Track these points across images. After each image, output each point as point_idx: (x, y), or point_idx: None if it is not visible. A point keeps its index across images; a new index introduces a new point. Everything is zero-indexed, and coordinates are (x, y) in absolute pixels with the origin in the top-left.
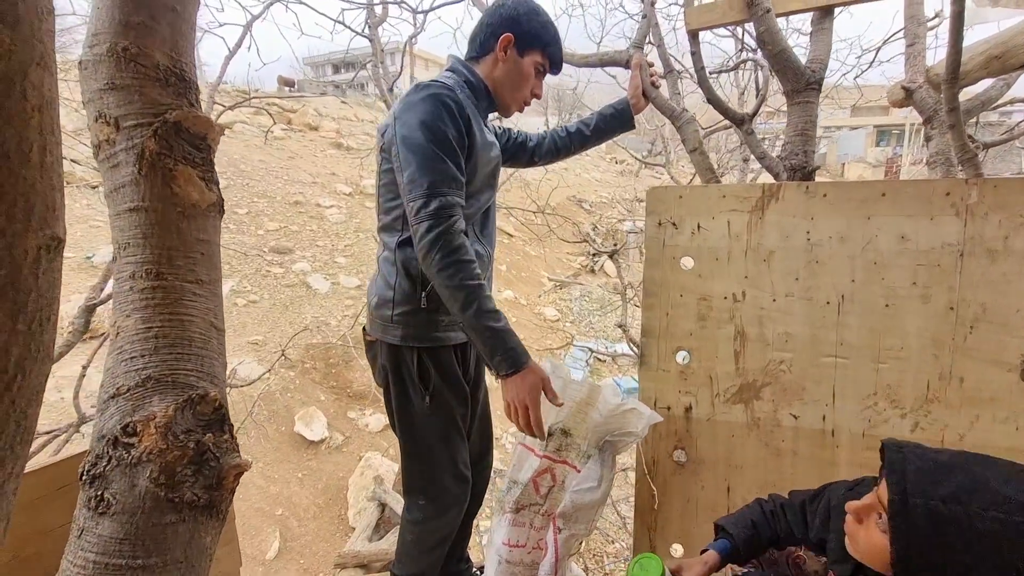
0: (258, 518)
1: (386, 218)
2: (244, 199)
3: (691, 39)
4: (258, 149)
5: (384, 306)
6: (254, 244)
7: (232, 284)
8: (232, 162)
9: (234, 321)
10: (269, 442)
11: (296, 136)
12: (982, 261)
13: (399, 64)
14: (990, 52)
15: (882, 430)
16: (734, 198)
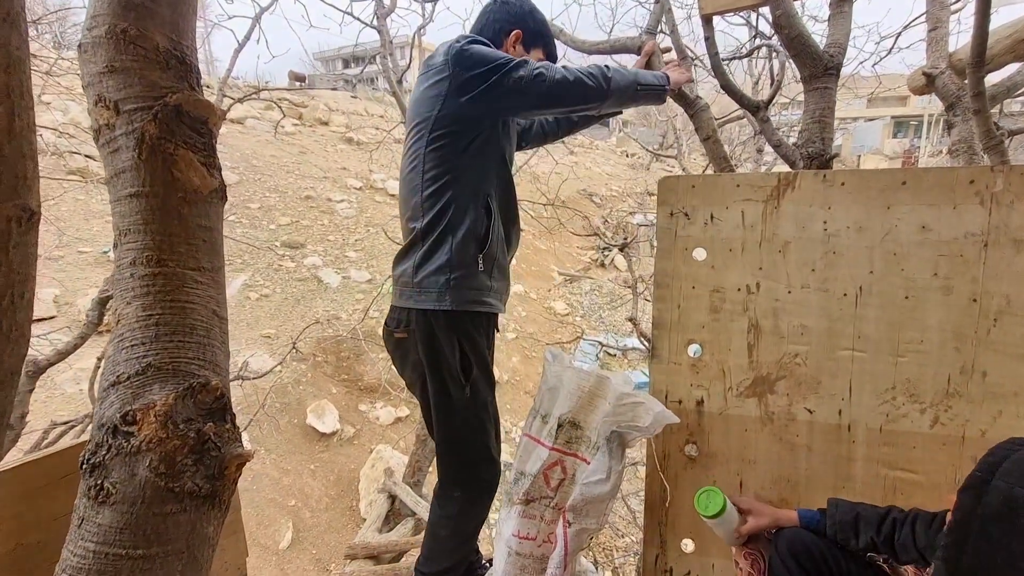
0: (271, 509)
1: (434, 185)
2: (256, 194)
3: (705, 24)
4: (270, 144)
5: (440, 272)
6: (266, 239)
7: (245, 278)
8: (244, 157)
9: (247, 315)
10: (282, 434)
11: (307, 131)
12: (1007, 251)
13: (408, 57)
14: (1017, 35)
15: (900, 425)
16: (749, 187)
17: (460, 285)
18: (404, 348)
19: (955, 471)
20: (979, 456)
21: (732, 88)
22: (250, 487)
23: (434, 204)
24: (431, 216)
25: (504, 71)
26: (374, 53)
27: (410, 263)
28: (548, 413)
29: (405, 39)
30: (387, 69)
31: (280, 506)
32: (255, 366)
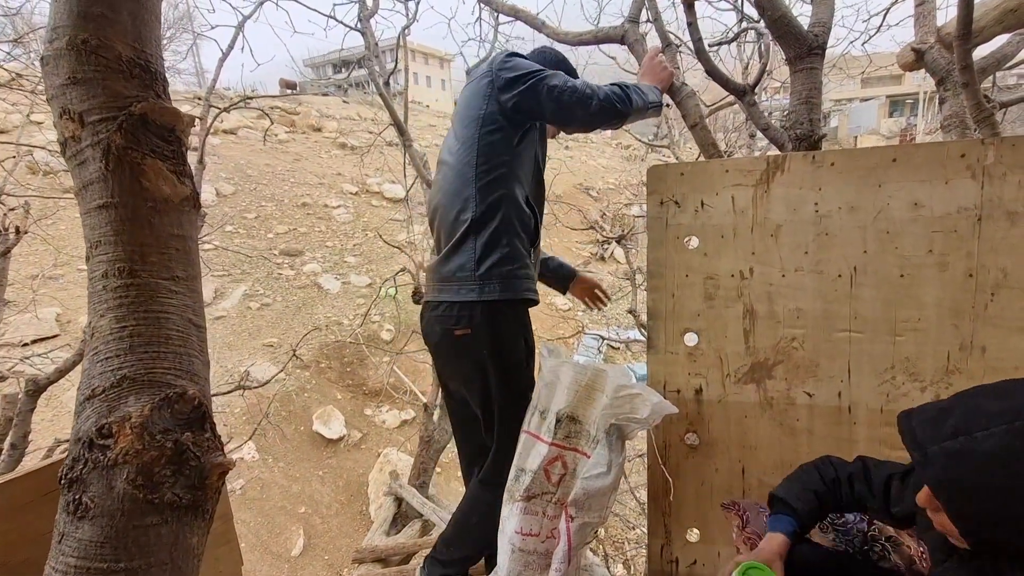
0: (282, 516)
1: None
2: (252, 203)
3: (687, 9)
4: (263, 153)
5: (504, 263)
6: (265, 248)
7: (245, 288)
8: (238, 167)
9: (248, 325)
10: (288, 442)
11: (300, 138)
12: (1001, 224)
13: (394, 59)
14: (1005, 5)
15: (901, 404)
16: (738, 172)
17: (519, 275)
18: (463, 344)
19: None
20: None
21: (717, 73)
22: (259, 496)
23: (488, 195)
24: (484, 207)
25: (540, 77)
26: (361, 57)
27: (468, 256)
28: (546, 409)
29: (391, 41)
30: (373, 72)
31: (290, 514)
32: (258, 375)
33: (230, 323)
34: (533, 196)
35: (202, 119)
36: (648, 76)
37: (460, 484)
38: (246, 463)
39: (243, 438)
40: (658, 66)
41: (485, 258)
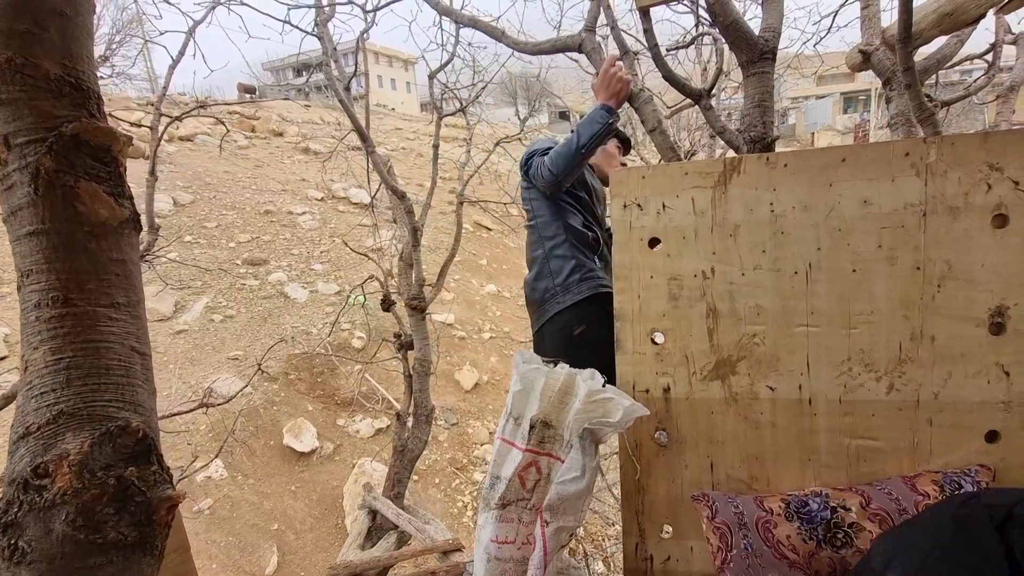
0: (254, 535)
1: (538, 221)
2: (212, 212)
3: (642, 16)
4: (223, 160)
5: (574, 273)
6: (227, 258)
7: (207, 300)
8: (196, 175)
9: (212, 338)
10: (258, 458)
11: (261, 143)
12: (945, 219)
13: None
14: (941, 9)
15: (858, 394)
16: (696, 175)
17: (588, 277)
18: (583, 338)
19: (913, 435)
20: (934, 418)
21: (674, 78)
22: (229, 515)
23: (547, 232)
24: (548, 243)
25: (528, 158)
26: (320, 61)
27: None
28: (520, 415)
29: (351, 44)
30: (331, 77)
31: (263, 531)
32: (224, 390)
33: (192, 337)
34: (591, 217)
35: (153, 128)
36: (602, 87)
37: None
38: (214, 482)
39: (210, 456)
40: (612, 77)
41: (558, 274)
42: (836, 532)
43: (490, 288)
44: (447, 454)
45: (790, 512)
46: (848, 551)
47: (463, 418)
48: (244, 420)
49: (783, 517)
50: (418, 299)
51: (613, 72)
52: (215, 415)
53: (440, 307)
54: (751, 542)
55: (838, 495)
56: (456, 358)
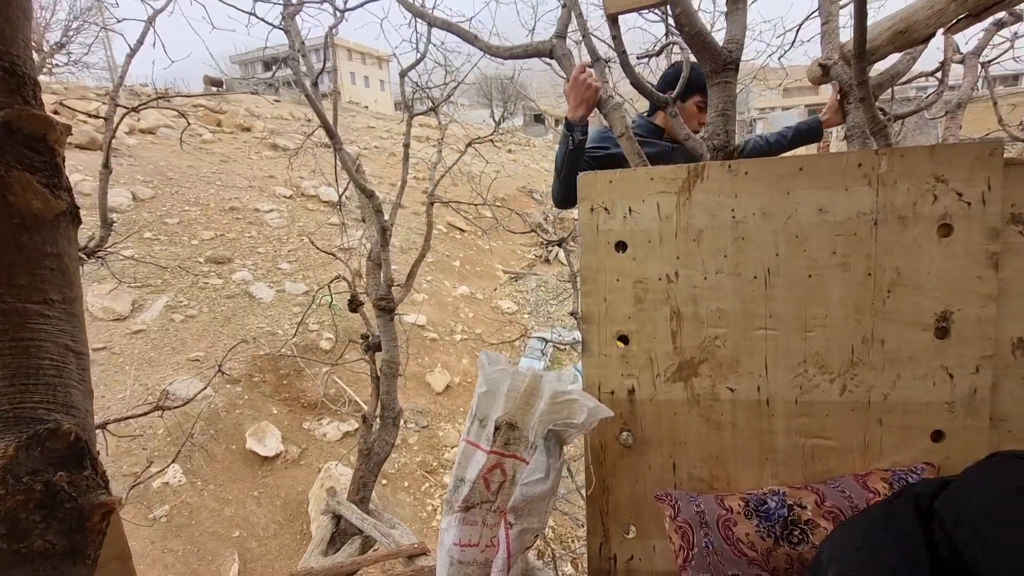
0: (214, 543)
1: None
2: (174, 208)
3: (611, 24)
4: (186, 154)
5: None
6: (189, 255)
7: (167, 299)
8: (158, 169)
9: (171, 339)
10: (218, 463)
11: (227, 138)
12: (894, 228)
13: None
14: (895, 27)
15: (813, 395)
16: (662, 180)
17: None
18: None
19: (864, 434)
20: (884, 419)
21: (641, 85)
22: (188, 522)
23: None
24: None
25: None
26: (285, 55)
27: None
28: (486, 417)
29: (320, 40)
30: (298, 72)
31: (223, 539)
32: (183, 392)
33: (151, 337)
34: None
35: (108, 119)
36: (572, 94)
37: (407, 495)
38: (171, 488)
39: (166, 461)
40: (582, 85)
41: None
42: (793, 529)
43: (463, 290)
44: (417, 457)
45: (749, 510)
46: (804, 547)
47: (434, 421)
48: (204, 424)
49: (743, 515)
50: (386, 299)
51: (583, 79)
52: (173, 418)
53: (411, 308)
54: (712, 540)
55: (794, 493)
56: (427, 360)
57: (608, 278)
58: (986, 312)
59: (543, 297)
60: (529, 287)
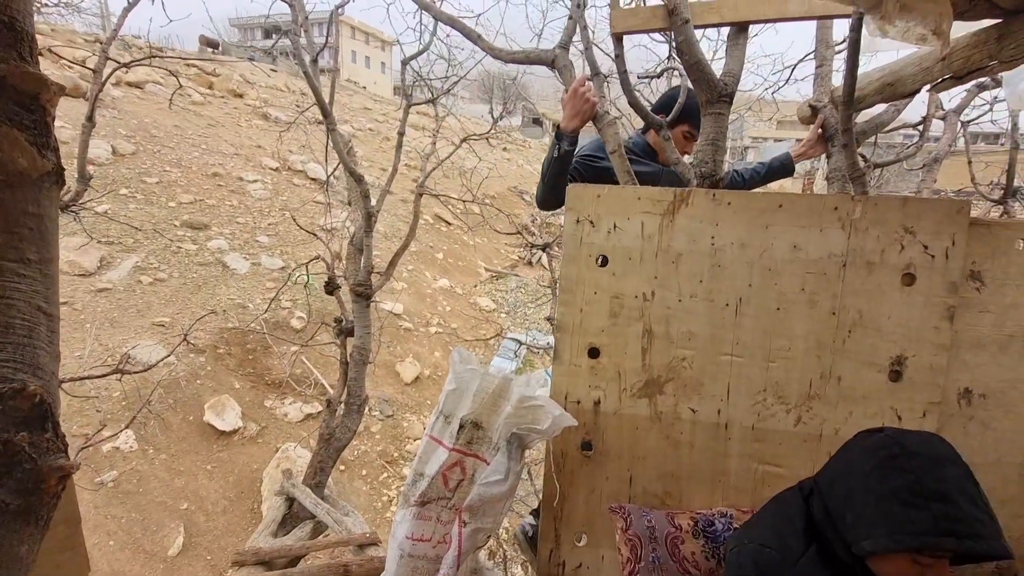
0: (160, 513)
1: None
2: (155, 167)
3: (616, 42)
4: (173, 114)
5: None
6: (164, 217)
7: (136, 260)
8: (142, 126)
9: (137, 301)
10: (173, 432)
11: (218, 102)
12: (862, 272)
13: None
14: (884, 79)
15: (769, 423)
16: (648, 201)
17: None
18: None
19: (813, 465)
20: (834, 452)
21: (638, 106)
22: (135, 489)
23: None
24: None
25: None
26: (287, 27)
27: None
28: (451, 414)
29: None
30: (298, 46)
31: (171, 510)
32: (144, 357)
33: (116, 297)
34: None
35: (97, 72)
36: (568, 105)
37: (364, 483)
38: (122, 453)
39: (119, 425)
40: (580, 98)
41: None
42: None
43: (443, 282)
44: (378, 446)
45: (697, 530)
46: None
47: (399, 411)
48: (163, 391)
49: (690, 534)
50: (364, 286)
51: (581, 92)
52: (131, 383)
53: (389, 296)
54: (659, 555)
55: (741, 516)
56: (400, 349)
57: (586, 290)
58: (938, 360)
59: (522, 299)
60: (509, 287)
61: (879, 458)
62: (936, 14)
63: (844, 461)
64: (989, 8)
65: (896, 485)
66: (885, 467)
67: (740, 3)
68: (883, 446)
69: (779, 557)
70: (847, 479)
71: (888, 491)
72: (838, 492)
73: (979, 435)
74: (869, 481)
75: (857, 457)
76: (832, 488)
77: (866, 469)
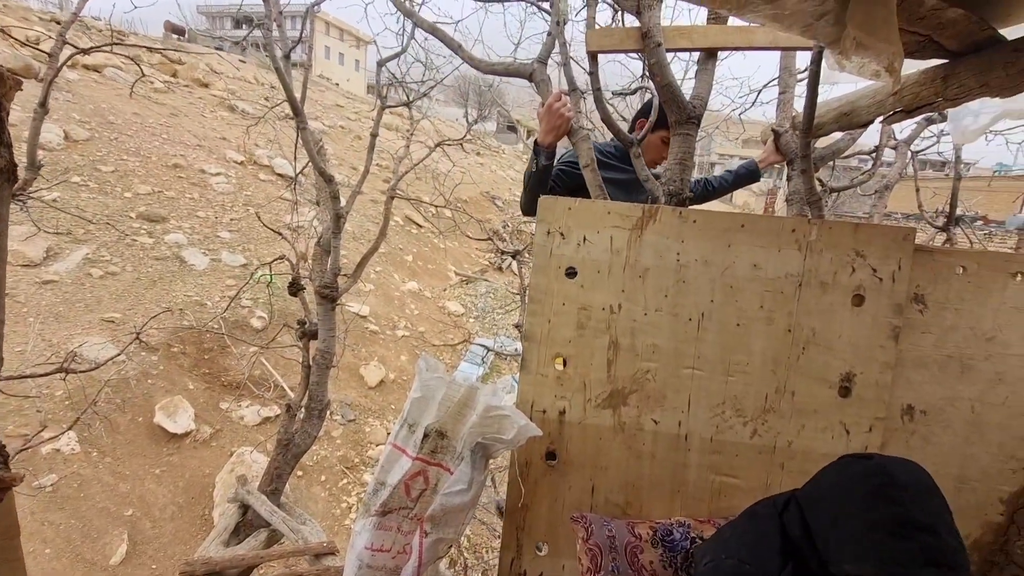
0: (102, 519)
1: None
2: (110, 155)
3: (591, 60)
4: (133, 101)
5: None
6: (119, 208)
7: (87, 251)
8: (99, 111)
9: (86, 295)
10: (120, 435)
11: (182, 91)
12: (816, 291)
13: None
14: (841, 109)
15: (727, 436)
16: (618, 215)
17: None
18: None
19: (767, 476)
20: (786, 464)
21: (611, 123)
22: (76, 494)
23: None
24: None
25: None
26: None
27: None
28: (416, 422)
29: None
30: (270, 40)
31: (114, 516)
32: (91, 355)
33: (62, 290)
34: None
35: (53, 56)
36: (544, 120)
37: (323, 489)
38: (63, 456)
39: (62, 426)
40: (554, 114)
41: None
42: (692, 561)
43: (411, 285)
44: (339, 451)
45: (656, 539)
46: None
47: (362, 415)
48: (110, 391)
49: (649, 544)
50: (330, 288)
51: (556, 108)
52: (76, 382)
53: (356, 298)
54: (618, 565)
55: (698, 526)
56: (365, 352)
57: (555, 301)
58: (883, 378)
59: (491, 304)
60: (479, 292)
61: (869, 487)
62: (889, 52)
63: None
64: (937, 50)
65: (885, 515)
66: (875, 496)
67: (710, 31)
68: (873, 474)
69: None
70: (834, 504)
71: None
72: (823, 515)
73: (920, 449)
74: (858, 509)
75: (846, 483)
76: (816, 510)
77: (856, 497)
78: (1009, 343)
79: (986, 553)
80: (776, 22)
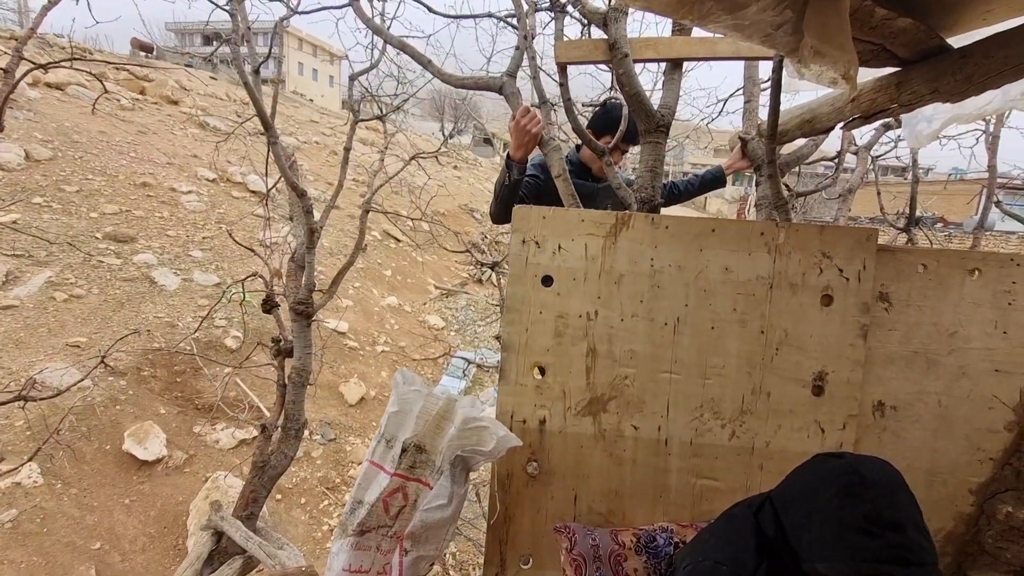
0: (67, 555)
1: None
2: (75, 174)
3: (560, 71)
4: (98, 119)
5: None
6: (85, 229)
7: (50, 274)
8: (62, 130)
9: (49, 320)
10: (87, 464)
11: (150, 109)
12: (786, 293)
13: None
14: (803, 116)
15: (706, 439)
16: (592, 223)
17: None
18: None
19: (746, 477)
20: (764, 464)
21: (581, 132)
22: (38, 530)
23: None
24: None
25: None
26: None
27: None
28: (394, 437)
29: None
30: (239, 56)
31: (80, 550)
32: (55, 382)
33: (23, 315)
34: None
35: (9, 72)
36: (513, 135)
37: (303, 512)
38: (24, 489)
39: (22, 458)
40: (522, 129)
41: None
42: (675, 566)
43: (391, 300)
44: (319, 472)
45: (639, 546)
46: None
47: (342, 434)
48: (75, 419)
49: (633, 551)
50: (305, 304)
51: (523, 125)
52: (37, 410)
53: (334, 314)
54: (603, 574)
55: (681, 531)
56: (344, 369)
57: (532, 310)
58: (854, 375)
59: (472, 317)
60: (459, 305)
61: (839, 485)
62: (845, 61)
63: (803, 484)
64: (890, 58)
65: (855, 513)
66: (844, 494)
67: (675, 42)
68: (843, 473)
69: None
70: (806, 502)
71: (847, 519)
72: (797, 514)
73: (892, 444)
74: (829, 507)
75: (818, 482)
76: (790, 508)
77: (827, 495)
78: (970, 338)
79: (960, 544)
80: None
